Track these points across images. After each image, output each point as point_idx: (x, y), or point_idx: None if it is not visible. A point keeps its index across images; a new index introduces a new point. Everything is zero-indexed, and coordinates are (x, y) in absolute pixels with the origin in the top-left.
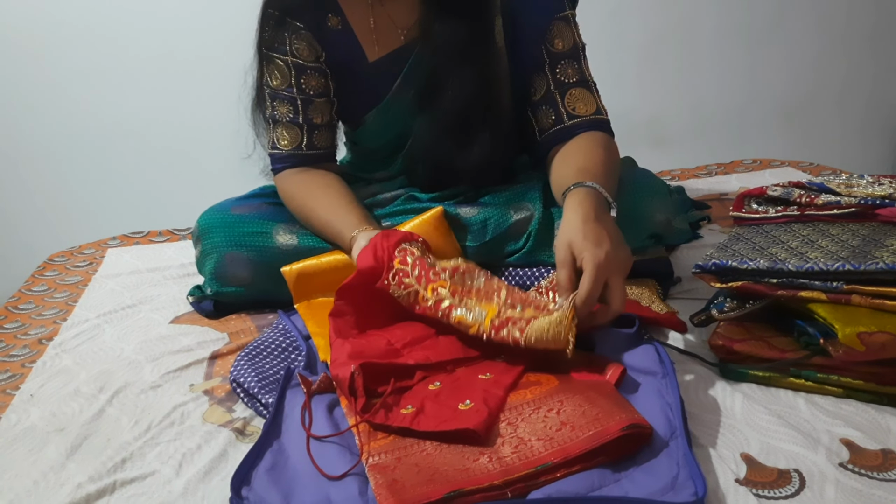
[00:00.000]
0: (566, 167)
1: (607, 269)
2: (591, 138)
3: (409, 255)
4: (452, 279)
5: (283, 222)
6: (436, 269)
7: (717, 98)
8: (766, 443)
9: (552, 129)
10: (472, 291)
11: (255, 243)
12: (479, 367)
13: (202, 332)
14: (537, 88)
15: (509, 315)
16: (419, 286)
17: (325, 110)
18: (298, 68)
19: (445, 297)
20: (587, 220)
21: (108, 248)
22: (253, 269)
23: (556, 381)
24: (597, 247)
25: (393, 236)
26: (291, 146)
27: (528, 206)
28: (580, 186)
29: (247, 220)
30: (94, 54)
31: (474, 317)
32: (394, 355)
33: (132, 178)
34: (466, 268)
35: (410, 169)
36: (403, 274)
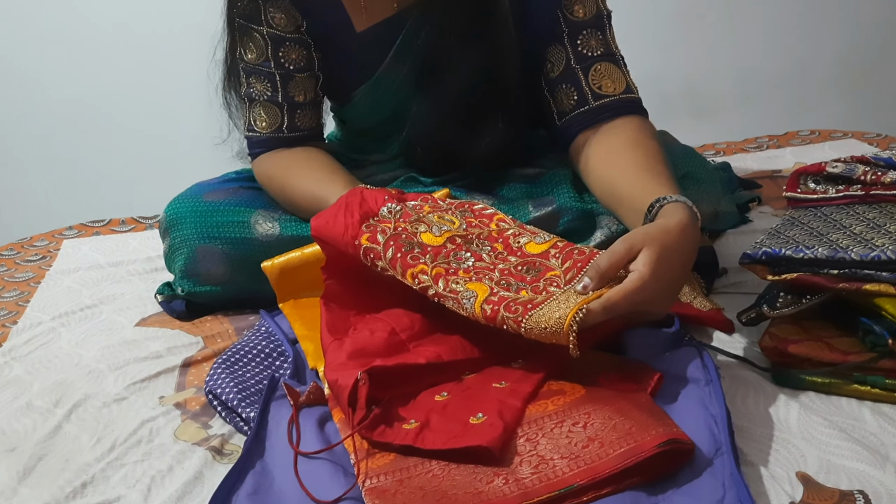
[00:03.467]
0: (622, 168)
1: (652, 296)
2: (631, 126)
3: (379, 232)
4: (436, 261)
5: (263, 208)
6: (414, 252)
7: (768, 59)
8: (826, 460)
9: (575, 112)
10: (458, 272)
11: (231, 234)
12: (492, 374)
13: (173, 335)
14: (554, 63)
15: (503, 296)
16: (395, 272)
17: (308, 86)
18: (276, 40)
19: (428, 283)
20: (682, 228)
21: (64, 240)
22: (229, 264)
23: (583, 390)
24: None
25: (358, 206)
26: (270, 128)
27: (551, 200)
28: (670, 202)
29: (221, 207)
30: (47, 21)
31: (464, 302)
32: (400, 350)
33: (91, 160)
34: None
35: (408, 153)
36: (375, 255)
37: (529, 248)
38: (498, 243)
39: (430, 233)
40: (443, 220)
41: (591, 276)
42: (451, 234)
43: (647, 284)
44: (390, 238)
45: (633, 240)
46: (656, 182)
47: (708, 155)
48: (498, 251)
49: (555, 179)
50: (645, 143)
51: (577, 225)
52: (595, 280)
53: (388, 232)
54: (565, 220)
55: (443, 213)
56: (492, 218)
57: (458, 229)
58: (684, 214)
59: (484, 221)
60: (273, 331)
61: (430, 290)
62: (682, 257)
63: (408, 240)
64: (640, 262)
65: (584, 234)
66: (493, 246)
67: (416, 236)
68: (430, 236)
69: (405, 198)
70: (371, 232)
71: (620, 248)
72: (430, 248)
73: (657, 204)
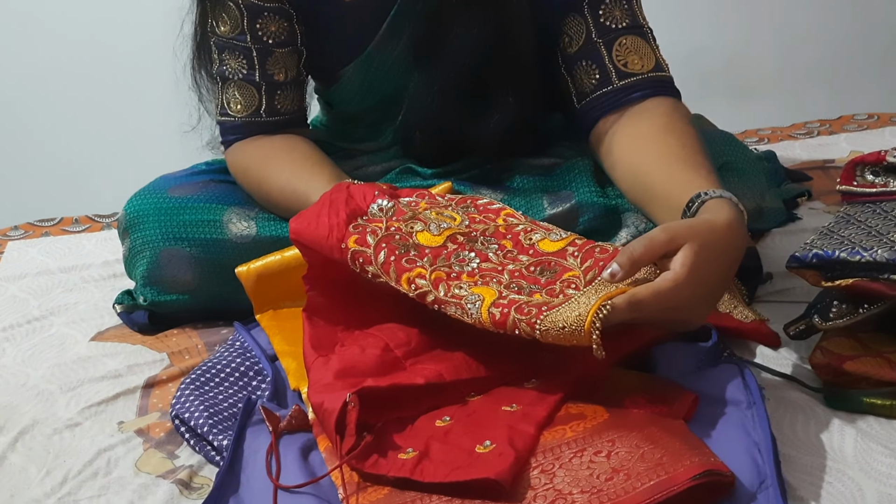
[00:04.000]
0: (654, 157)
1: (687, 302)
2: (663, 108)
3: (369, 233)
4: (435, 264)
5: (237, 205)
6: (409, 254)
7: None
8: (886, 494)
9: (596, 93)
10: (462, 276)
11: (200, 235)
12: (501, 396)
13: (134, 351)
14: (573, 37)
15: (513, 299)
16: (388, 278)
17: (290, 63)
18: (252, 10)
19: (427, 289)
20: (728, 251)
21: (8, 241)
22: (199, 269)
23: (606, 414)
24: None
25: (344, 204)
26: (246, 112)
27: (568, 195)
28: (713, 198)
29: (189, 204)
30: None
31: (469, 307)
32: (395, 369)
33: (39, 151)
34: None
35: (405, 140)
36: (365, 260)
37: (543, 245)
38: (506, 240)
39: (427, 231)
40: (442, 216)
41: (621, 263)
42: (452, 231)
43: (682, 287)
44: (382, 239)
45: (675, 231)
46: (695, 174)
47: (750, 142)
48: (507, 249)
49: (573, 171)
50: (679, 128)
51: (600, 224)
52: (626, 267)
53: (380, 232)
54: (585, 219)
55: (442, 209)
56: (498, 213)
57: (460, 226)
58: (731, 212)
59: (489, 217)
60: (249, 346)
61: (428, 297)
62: (726, 260)
63: (402, 241)
64: (678, 259)
65: (607, 235)
66: (501, 243)
67: (411, 236)
68: (428, 235)
69: (398, 194)
70: (360, 233)
71: (661, 236)
72: (428, 249)
73: (698, 200)
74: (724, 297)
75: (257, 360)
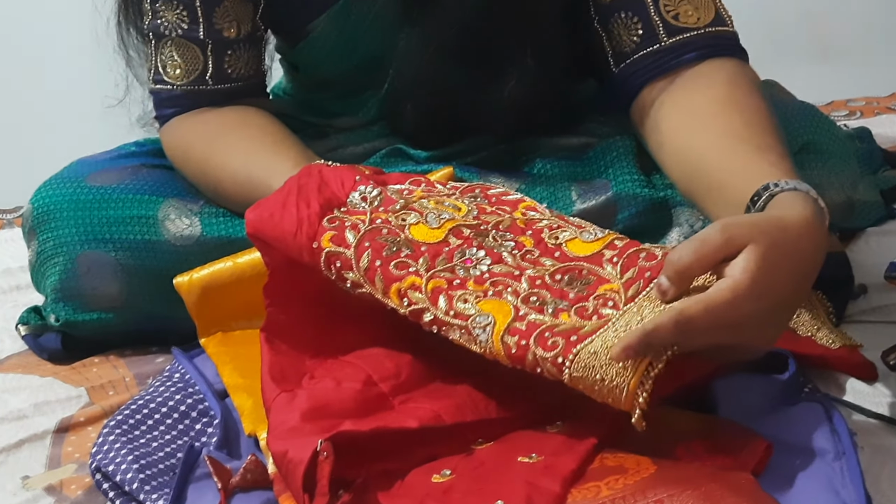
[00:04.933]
0: (712, 137)
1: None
2: (724, 73)
3: (349, 228)
4: (433, 267)
5: (176, 197)
6: (401, 255)
7: None
8: None
9: (640, 53)
10: (467, 283)
11: (128, 236)
12: (517, 443)
13: (43, 386)
14: None
15: (533, 321)
16: (372, 288)
17: (243, 15)
18: None
19: (423, 305)
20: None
21: None
22: (127, 279)
23: (653, 466)
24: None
25: (316, 191)
26: (187, 77)
27: (604, 185)
28: (786, 190)
29: (114, 195)
30: None
31: (477, 332)
32: (380, 408)
33: None
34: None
35: (393, 114)
36: (343, 264)
37: (573, 247)
38: (526, 237)
39: (423, 224)
40: (442, 206)
41: (668, 276)
42: (456, 223)
43: (742, 298)
44: (365, 235)
45: (733, 229)
46: (763, 159)
47: (838, 117)
48: (526, 248)
49: (610, 153)
50: (745, 99)
51: (644, 221)
52: (674, 281)
53: (362, 227)
54: (626, 215)
55: (442, 198)
56: (516, 205)
57: (466, 217)
58: (809, 208)
59: (504, 209)
60: (192, 379)
61: (425, 316)
62: (801, 268)
63: (391, 236)
64: (737, 264)
65: (653, 235)
66: (519, 241)
67: (403, 230)
68: (425, 229)
69: (385, 179)
70: (337, 229)
71: (715, 237)
72: (426, 246)
73: (766, 193)
74: (803, 317)
75: (202, 397)
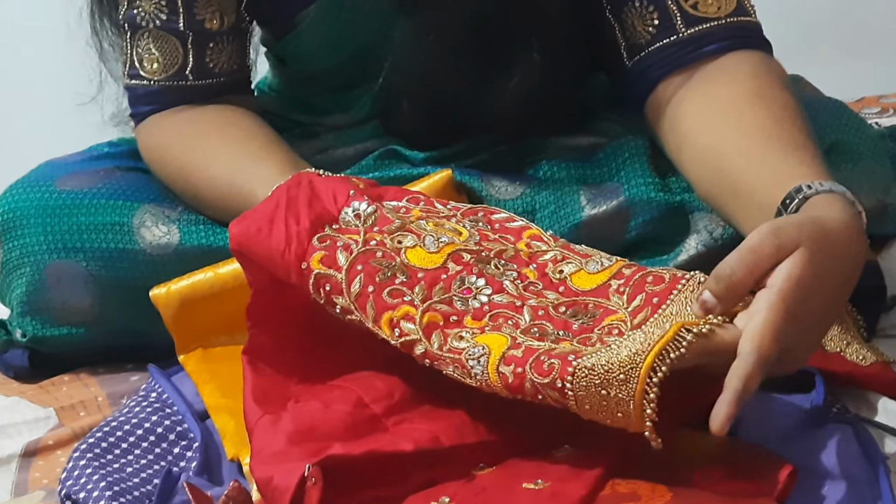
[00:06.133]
0: (738, 135)
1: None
2: (748, 67)
3: (340, 248)
4: (429, 298)
5: (153, 202)
6: (395, 281)
7: None
8: None
9: (656, 45)
10: (465, 318)
11: (101, 244)
12: (521, 469)
13: (8, 406)
14: None
15: (530, 346)
16: (363, 315)
17: (227, 5)
18: None
19: (415, 337)
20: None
21: None
22: (99, 291)
23: (669, 493)
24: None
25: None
26: (166, 72)
27: (615, 189)
28: (821, 193)
29: (86, 200)
30: None
31: (471, 364)
32: (373, 430)
33: None
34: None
35: (387, 112)
36: (333, 288)
37: (578, 281)
38: (529, 269)
39: (421, 247)
40: (442, 229)
41: (717, 292)
42: (456, 247)
43: (790, 311)
44: (358, 258)
45: (783, 235)
46: (794, 159)
47: (869, 114)
48: (529, 280)
49: (622, 154)
50: (772, 94)
51: (659, 228)
52: (723, 296)
53: (355, 248)
54: (639, 221)
55: (442, 220)
56: (520, 234)
57: (467, 242)
58: (847, 212)
59: (507, 238)
60: (170, 398)
61: (416, 348)
62: (841, 275)
63: (386, 260)
64: (782, 271)
65: (668, 242)
66: (522, 272)
67: (398, 254)
68: (422, 253)
69: (381, 193)
70: (327, 249)
71: (767, 247)
72: (422, 272)
73: (799, 195)
74: (832, 331)
75: (180, 419)
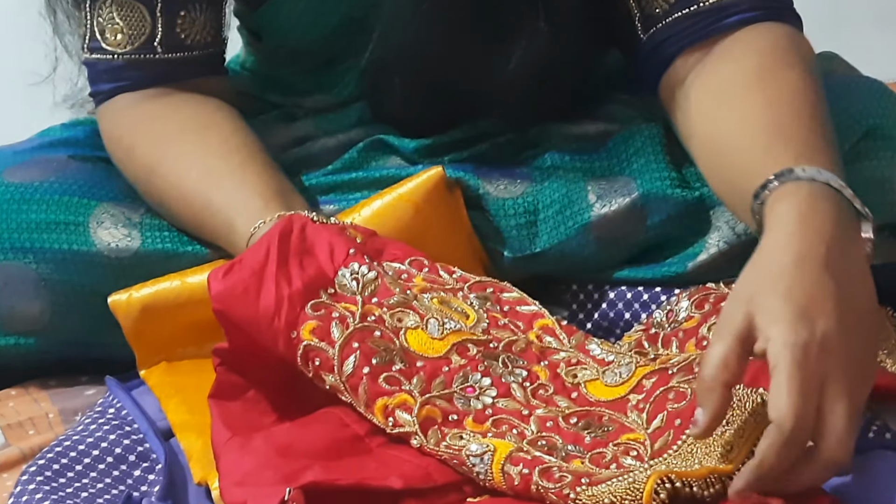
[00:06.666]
0: (736, 120)
1: (818, 369)
2: (767, 41)
3: (335, 320)
4: (429, 392)
5: (112, 200)
6: (391, 368)
7: None
8: None
9: (673, 16)
10: (465, 419)
11: (54, 244)
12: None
13: None
14: None
15: (539, 458)
16: (353, 397)
17: None
18: None
19: (411, 430)
20: (802, 259)
21: None
22: (51, 297)
23: None
24: (799, 318)
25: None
26: (131, 43)
27: (627, 183)
28: (789, 180)
29: (36, 195)
30: None
31: (473, 462)
32: (356, 451)
33: None
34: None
35: (376, 91)
36: (323, 364)
37: (594, 389)
38: (540, 367)
39: (422, 330)
40: (448, 308)
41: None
42: (462, 337)
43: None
44: (354, 335)
45: (731, 298)
46: (780, 146)
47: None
48: (539, 381)
49: (634, 143)
50: (777, 73)
51: (678, 228)
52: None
53: (351, 322)
54: (656, 221)
55: (449, 294)
56: (531, 322)
57: (474, 329)
58: (803, 197)
59: (517, 324)
60: (129, 415)
61: (412, 440)
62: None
63: (384, 342)
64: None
65: (687, 242)
66: (532, 370)
67: (398, 336)
68: (424, 337)
69: (381, 248)
70: (321, 319)
71: (724, 322)
72: (422, 361)
73: (763, 192)
74: None
75: (142, 438)
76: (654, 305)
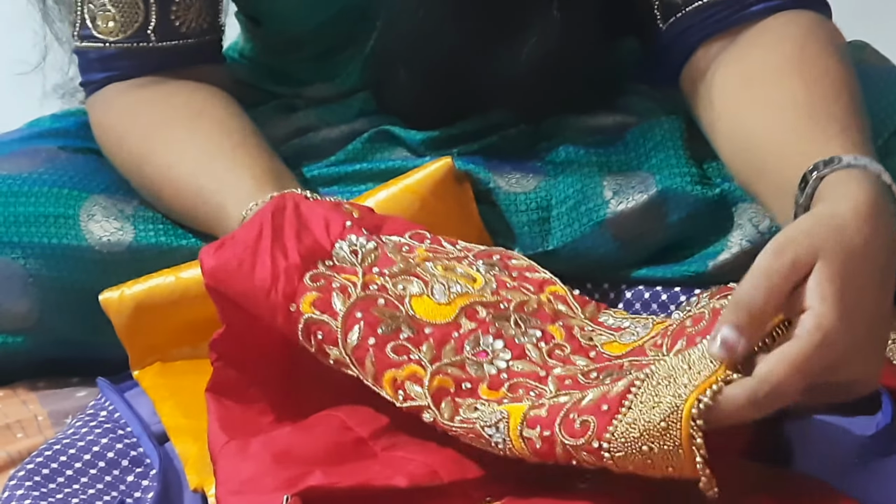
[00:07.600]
0: (770, 110)
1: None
2: (796, 29)
3: (336, 290)
4: (439, 360)
5: (104, 193)
6: (399, 337)
7: None
8: None
9: (695, 4)
10: (479, 386)
11: (43, 239)
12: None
13: None
14: None
15: (557, 404)
16: (361, 371)
17: None
18: None
19: (423, 403)
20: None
21: None
22: (40, 294)
23: None
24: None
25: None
26: (124, 31)
27: (645, 179)
28: (838, 169)
29: (25, 187)
30: None
31: (489, 432)
32: (360, 455)
33: None
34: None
35: (380, 81)
36: (326, 337)
37: (611, 349)
38: (556, 327)
39: (428, 296)
40: (453, 273)
41: (732, 322)
42: (470, 299)
43: (834, 333)
44: (357, 304)
45: (791, 250)
46: (822, 133)
47: None
48: (555, 341)
49: (653, 137)
50: (812, 61)
51: (699, 226)
52: (746, 327)
53: (353, 292)
54: (676, 219)
55: (453, 262)
56: (542, 287)
57: (482, 291)
58: (862, 189)
59: (526, 287)
60: (122, 418)
61: (424, 414)
62: (876, 269)
63: (389, 309)
64: (812, 290)
65: (709, 241)
66: (547, 330)
67: (403, 302)
68: (430, 303)
69: (379, 224)
70: (321, 290)
71: (778, 266)
72: (430, 327)
73: (813, 175)
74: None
75: (135, 442)
76: (672, 306)
